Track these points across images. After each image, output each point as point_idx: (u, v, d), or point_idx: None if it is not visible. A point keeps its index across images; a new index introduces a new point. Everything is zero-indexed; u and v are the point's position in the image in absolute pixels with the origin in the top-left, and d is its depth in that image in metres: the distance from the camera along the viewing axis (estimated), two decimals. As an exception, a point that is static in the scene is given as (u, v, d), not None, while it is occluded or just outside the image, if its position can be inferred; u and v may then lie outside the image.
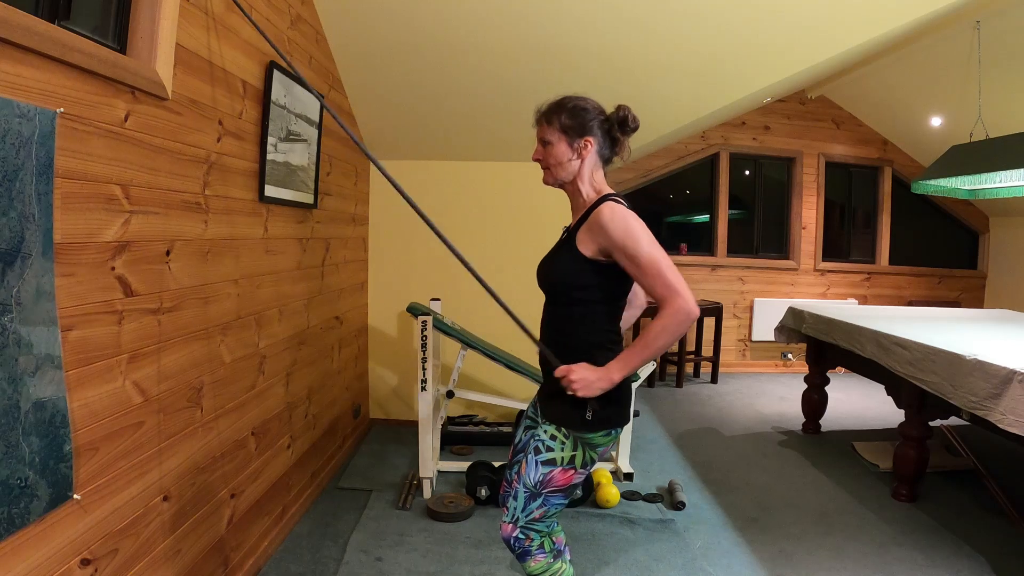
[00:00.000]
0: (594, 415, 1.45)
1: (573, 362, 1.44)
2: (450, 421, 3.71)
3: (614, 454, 3.21)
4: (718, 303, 5.48)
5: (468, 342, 3.02)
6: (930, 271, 6.17)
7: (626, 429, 3.19)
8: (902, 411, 3.00)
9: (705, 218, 6.03)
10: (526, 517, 1.54)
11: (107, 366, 1.38)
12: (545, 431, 1.52)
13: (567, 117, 1.50)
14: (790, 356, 6.00)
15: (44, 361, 1.17)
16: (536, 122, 1.56)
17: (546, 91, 1.68)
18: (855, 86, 5.39)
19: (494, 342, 3.36)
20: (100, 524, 1.36)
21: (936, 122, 5.29)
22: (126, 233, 1.44)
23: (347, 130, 1.74)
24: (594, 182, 1.54)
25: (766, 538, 2.57)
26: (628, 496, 2.92)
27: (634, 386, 1.65)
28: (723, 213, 5.87)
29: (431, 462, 2.87)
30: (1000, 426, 2.21)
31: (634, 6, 2.66)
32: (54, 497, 1.20)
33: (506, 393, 3.61)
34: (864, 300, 6.04)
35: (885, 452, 3.46)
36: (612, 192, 1.52)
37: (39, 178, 1.14)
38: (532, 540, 1.56)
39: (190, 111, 1.70)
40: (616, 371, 1.40)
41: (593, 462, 1.53)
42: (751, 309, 5.90)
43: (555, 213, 3.11)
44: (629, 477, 3.12)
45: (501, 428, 3.68)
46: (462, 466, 3.03)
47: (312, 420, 2.82)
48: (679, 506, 2.81)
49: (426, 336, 2.83)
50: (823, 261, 6.01)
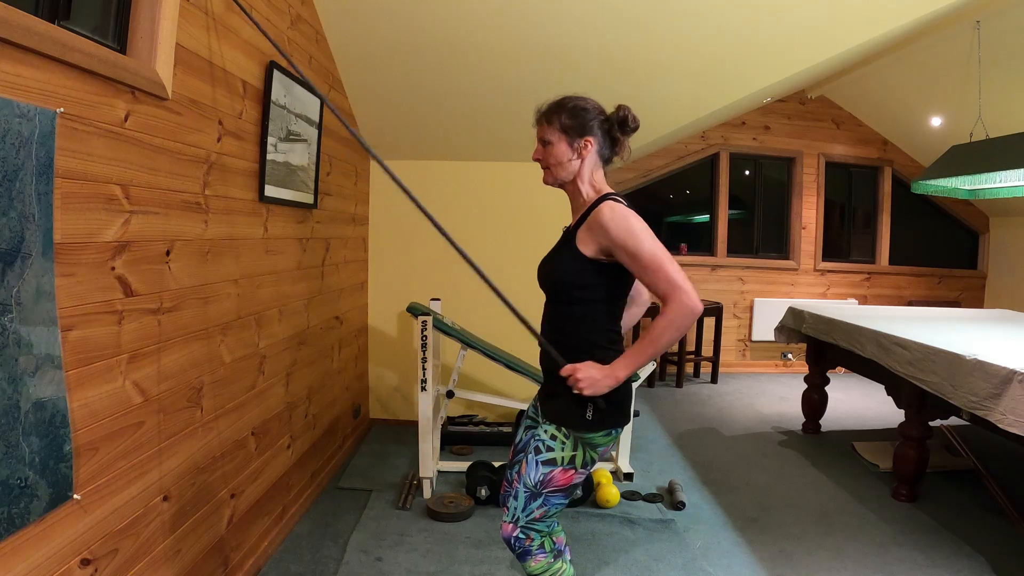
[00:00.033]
0: (594, 415, 1.45)
1: (574, 361, 1.44)
2: (450, 421, 3.71)
3: (614, 454, 3.21)
4: (718, 303, 5.48)
5: (468, 342, 3.02)
6: (930, 271, 6.17)
7: (626, 429, 3.19)
8: (902, 411, 3.00)
9: (705, 218, 6.04)
10: (526, 517, 1.54)
11: (107, 366, 1.38)
12: (545, 431, 1.52)
13: (567, 117, 1.50)
14: (790, 356, 6.00)
15: (44, 361, 1.17)
16: (536, 122, 1.56)
17: (546, 91, 1.68)
18: (855, 86, 5.39)
19: (494, 342, 3.36)
20: (100, 524, 1.36)
21: (936, 122, 5.29)
22: (126, 233, 1.44)
23: (351, 130, 1.74)
24: (594, 182, 1.54)
25: (766, 538, 2.57)
26: (628, 496, 2.92)
27: (634, 386, 1.65)
28: (723, 213, 5.87)
29: (431, 462, 2.87)
30: (1000, 426, 2.21)
31: (634, 6, 2.66)
32: (54, 497, 1.20)
33: (506, 393, 3.61)
34: (864, 300, 6.04)
35: (885, 452, 3.46)
36: (612, 191, 1.52)
37: (39, 178, 1.14)
38: (532, 540, 1.56)
39: (190, 111, 1.70)
40: (622, 369, 1.40)
41: (593, 462, 1.53)
42: (751, 309, 5.91)
43: (555, 213, 3.11)
44: (629, 477, 3.12)
45: (501, 428, 3.68)
46: (462, 466, 3.03)
47: (312, 420, 2.82)
48: (679, 506, 2.81)
49: (426, 336, 2.83)
50: (823, 261, 6.01)
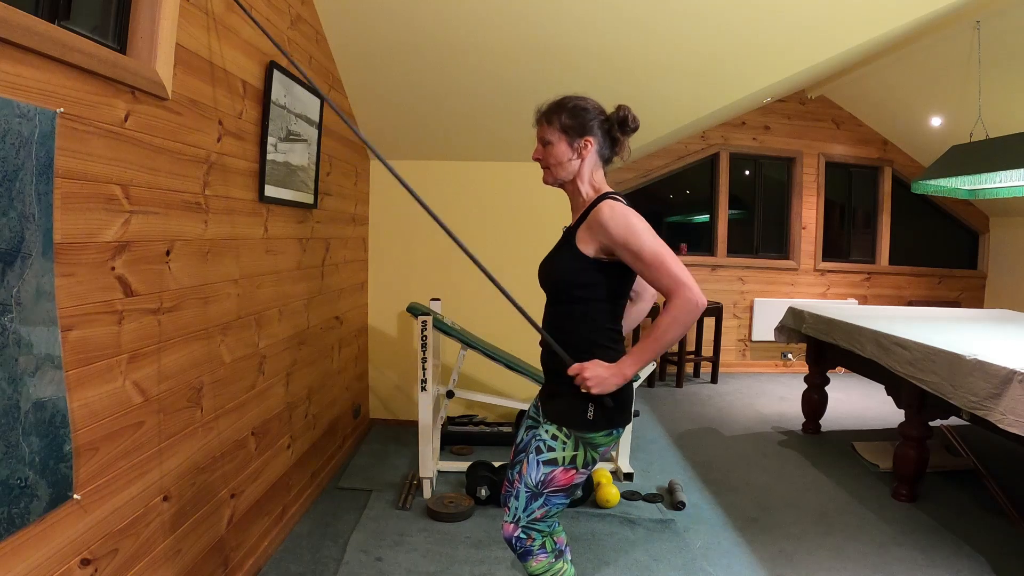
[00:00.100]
0: (598, 414, 1.45)
1: (574, 361, 1.44)
2: (450, 421, 3.71)
3: (614, 454, 3.21)
4: (718, 303, 5.48)
5: (468, 342, 3.02)
6: (930, 271, 6.17)
7: (626, 429, 3.18)
8: (902, 411, 3.00)
9: (705, 218, 6.03)
10: (528, 517, 1.54)
11: (107, 366, 1.38)
12: (546, 431, 1.52)
13: (567, 117, 1.50)
14: (790, 356, 6.00)
15: (44, 361, 1.17)
16: (536, 122, 1.56)
17: (546, 91, 1.68)
18: (855, 86, 5.39)
19: (494, 342, 3.36)
20: (100, 524, 1.36)
21: (936, 122, 5.29)
22: (126, 233, 1.44)
23: (355, 130, 1.74)
24: (594, 181, 1.54)
25: (766, 538, 2.57)
26: (628, 496, 2.92)
27: (634, 386, 1.65)
28: (723, 213, 5.87)
29: (431, 462, 2.87)
30: (1000, 426, 2.21)
31: (634, 6, 2.66)
32: (54, 497, 1.20)
33: (506, 393, 3.61)
34: (864, 300, 6.04)
35: (885, 452, 3.46)
36: (611, 191, 1.52)
37: (39, 178, 1.14)
38: (534, 540, 1.56)
39: (190, 111, 1.70)
40: (629, 367, 1.40)
41: (594, 462, 1.53)
42: (751, 309, 5.90)
43: (555, 213, 3.12)
44: (629, 477, 3.12)
45: (501, 428, 3.68)
46: (462, 466, 3.03)
47: (312, 420, 2.82)
48: (679, 506, 2.81)
49: (426, 336, 2.83)
50: (823, 261, 6.01)
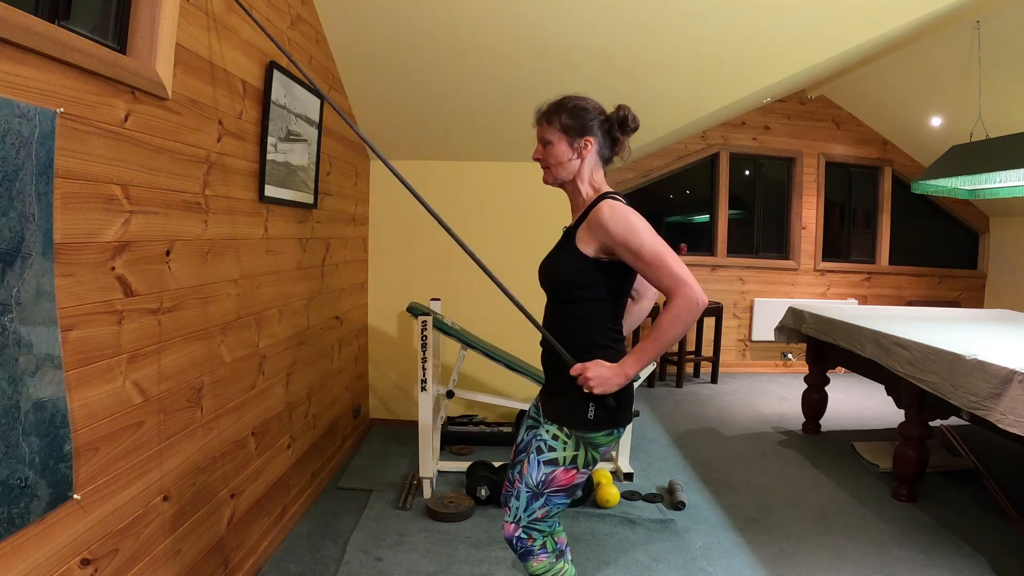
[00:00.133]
0: (600, 414, 1.45)
1: (576, 361, 1.44)
2: (450, 421, 3.71)
3: (614, 454, 3.21)
4: (718, 303, 5.48)
5: (468, 342, 3.02)
6: (930, 271, 6.17)
7: (626, 429, 3.18)
8: (902, 411, 3.00)
9: (705, 218, 6.03)
10: (528, 517, 1.54)
11: (107, 366, 1.38)
12: (547, 431, 1.52)
13: (567, 117, 1.50)
14: (790, 356, 6.00)
15: (44, 361, 1.17)
16: (536, 122, 1.56)
17: (546, 91, 1.68)
18: (855, 86, 5.39)
19: (494, 342, 3.36)
20: (100, 524, 1.36)
21: (936, 122, 5.29)
22: (126, 233, 1.44)
23: (356, 130, 1.74)
24: (594, 181, 1.54)
25: (766, 538, 2.57)
26: (628, 496, 2.92)
27: (634, 386, 1.65)
28: (723, 213, 5.87)
29: (431, 462, 2.87)
30: (1000, 426, 2.21)
31: (634, 6, 2.66)
32: (54, 497, 1.20)
33: (506, 393, 3.61)
34: (864, 300, 6.04)
35: (885, 452, 3.46)
36: (611, 191, 1.52)
37: (39, 178, 1.14)
38: (535, 540, 1.56)
39: (190, 111, 1.70)
40: (631, 366, 1.40)
41: (595, 462, 1.53)
42: (751, 309, 5.90)
43: (555, 213, 3.12)
44: (629, 477, 3.12)
45: (501, 428, 3.68)
46: (462, 466, 3.03)
47: (312, 420, 2.82)
48: (679, 506, 2.81)
49: (426, 336, 2.83)
50: (823, 261, 6.01)
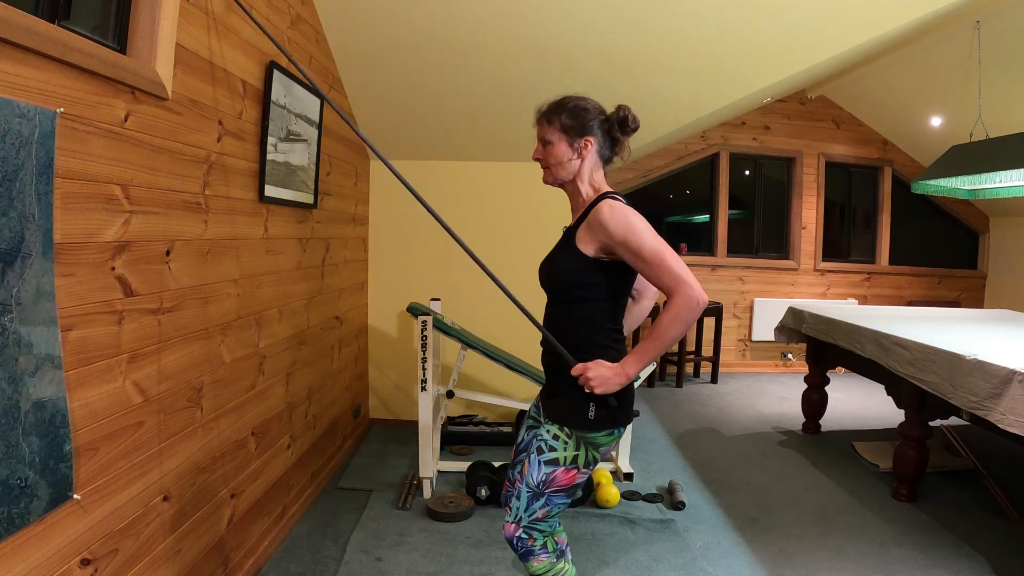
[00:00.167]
0: (601, 414, 1.45)
1: (576, 361, 1.44)
2: (450, 421, 3.71)
3: (614, 454, 3.21)
4: (718, 303, 5.48)
5: (468, 342, 3.02)
6: (930, 271, 6.17)
7: (626, 429, 3.19)
8: (902, 411, 3.00)
9: (705, 218, 6.03)
10: (529, 517, 1.54)
11: (107, 366, 1.38)
12: (548, 431, 1.52)
13: (567, 117, 1.50)
14: (790, 356, 6.00)
15: (44, 361, 1.17)
16: (536, 122, 1.56)
17: (546, 91, 1.68)
18: (855, 86, 5.39)
19: (494, 342, 3.36)
20: (100, 524, 1.36)
21: (936, 122, 5.29)
22: (126, 233, 1.44)
23: (356, 130, 1.74)
24: (594, 181, 1.54)
25: (766, 538, 2.57)
26: (628, 496, 2.92)
27: (635, 386, 1.65)
28: (723, 213, 5.87)
29: (431, 462, 2.87)
30: (1000, 426, 2.21)
31: (634, 6, 2.66)
32: (54, 497, 1.20)
33: (506, 393, 3.61)
34: (864, 300, 6.04)
35: (885, 452, 3.46)
36: (611, 191, 1.52)
37: (39, 178, 1.14)
38: (535, 540, 1.56)
39: (190, 111, 1.70)
40: (631, 366, 1.40)
41: (596, 462, 1.53)
42: (751, 309, 5.90)
43: (555, 213, 3.12)
44: (629, 477, 3.12)
45: (501, 428, 3.68)
46: (462, 466, 3.03)
47: (312, 420, 2.82)
48: (679, 506, 2.81)
49: (426, 336, 2.83)
50: (823, 261, 6.01)
